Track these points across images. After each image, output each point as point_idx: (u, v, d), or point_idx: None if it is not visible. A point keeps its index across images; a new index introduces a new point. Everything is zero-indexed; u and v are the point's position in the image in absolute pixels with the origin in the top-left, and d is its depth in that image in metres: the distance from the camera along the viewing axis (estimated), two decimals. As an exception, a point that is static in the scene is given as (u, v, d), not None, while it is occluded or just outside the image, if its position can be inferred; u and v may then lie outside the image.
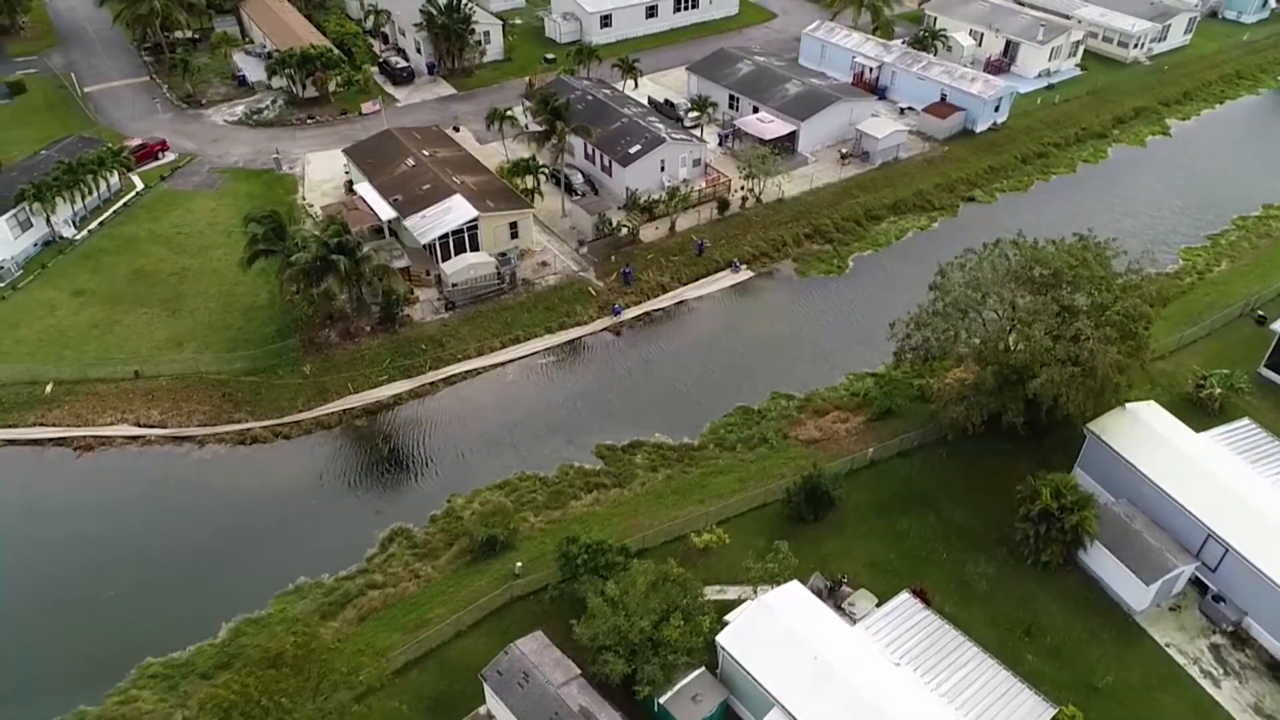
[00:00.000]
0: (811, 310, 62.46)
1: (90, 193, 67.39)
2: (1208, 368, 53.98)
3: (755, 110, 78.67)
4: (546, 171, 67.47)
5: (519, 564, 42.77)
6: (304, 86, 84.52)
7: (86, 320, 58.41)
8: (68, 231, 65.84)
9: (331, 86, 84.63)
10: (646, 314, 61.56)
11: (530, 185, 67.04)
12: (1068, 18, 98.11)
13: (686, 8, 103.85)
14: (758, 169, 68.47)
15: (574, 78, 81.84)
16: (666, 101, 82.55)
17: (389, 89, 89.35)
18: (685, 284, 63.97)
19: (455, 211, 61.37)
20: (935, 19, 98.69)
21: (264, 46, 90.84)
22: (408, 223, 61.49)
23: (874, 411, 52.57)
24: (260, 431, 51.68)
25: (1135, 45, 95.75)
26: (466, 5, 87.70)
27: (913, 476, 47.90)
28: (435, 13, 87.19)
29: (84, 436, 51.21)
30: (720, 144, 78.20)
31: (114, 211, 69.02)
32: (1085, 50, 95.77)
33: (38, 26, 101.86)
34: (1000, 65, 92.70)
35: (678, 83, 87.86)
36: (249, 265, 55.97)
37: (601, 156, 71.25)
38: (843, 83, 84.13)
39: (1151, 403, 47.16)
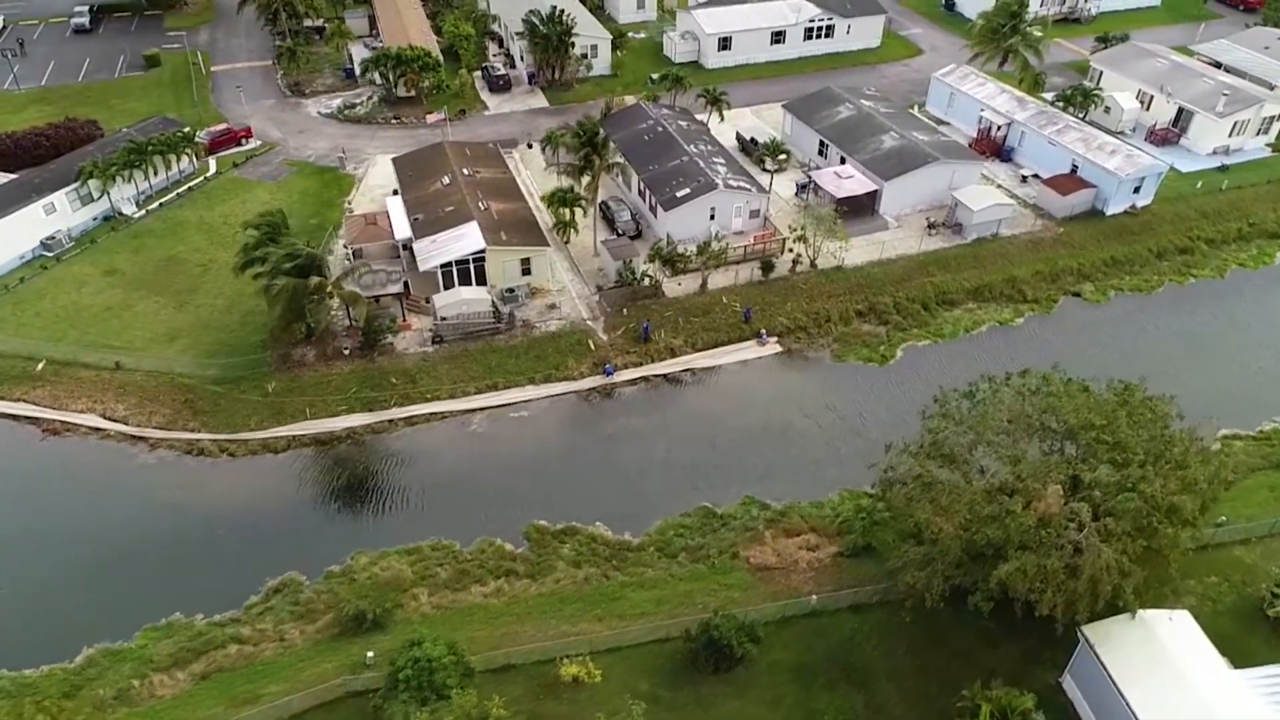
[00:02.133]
0: (831, 402, 54.26)
1: (155, 173, 69.51)
2: (1302, 570, 41.94)
3: (842, 161, 70.42)
4: (584, 205, 62.72)
5: (371, 653, 38.75)
6: (397, 86, 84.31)
7: (104, 302, 59.81)
8: (128, 209, 68.20)
9: (416, 89, 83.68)
10: (644, 378, 55.78)
11: (566, 218, 62.72)
12: (1271, 87, 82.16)
13: (819, 36, 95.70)
14: (813, 230, 60.81)
15: (654, 105, 76.55)
16: (752, 140, 75.70)
17: (485, 95, 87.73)
18: (699, 350, 57.57)
19: (465, 240, 58.15)
20: (1100, 74, 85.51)
21: (381, 42, 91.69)
22: (416, 246, 58.86)
23: (850, 544, 44.46)
24: (208, 445, 50.60)
25: (1353, 127, 78.67)
26: (568, 16, 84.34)
27: (857, 640, 39.71)
28: (537, 22, 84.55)
29: (53, 420, 52.04)
30: (797, 194, 70.62)
31: (177, 194, 70.98)
32: (1283, 127, 79.89)
33: (200, 3, 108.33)
34: (1167, 136, 78.79)
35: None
36: (241, 271, 55.06)
37: (650, 195, 65.83)
38: (952, 139, 73.56)
39: (1183, 613, 36.55)
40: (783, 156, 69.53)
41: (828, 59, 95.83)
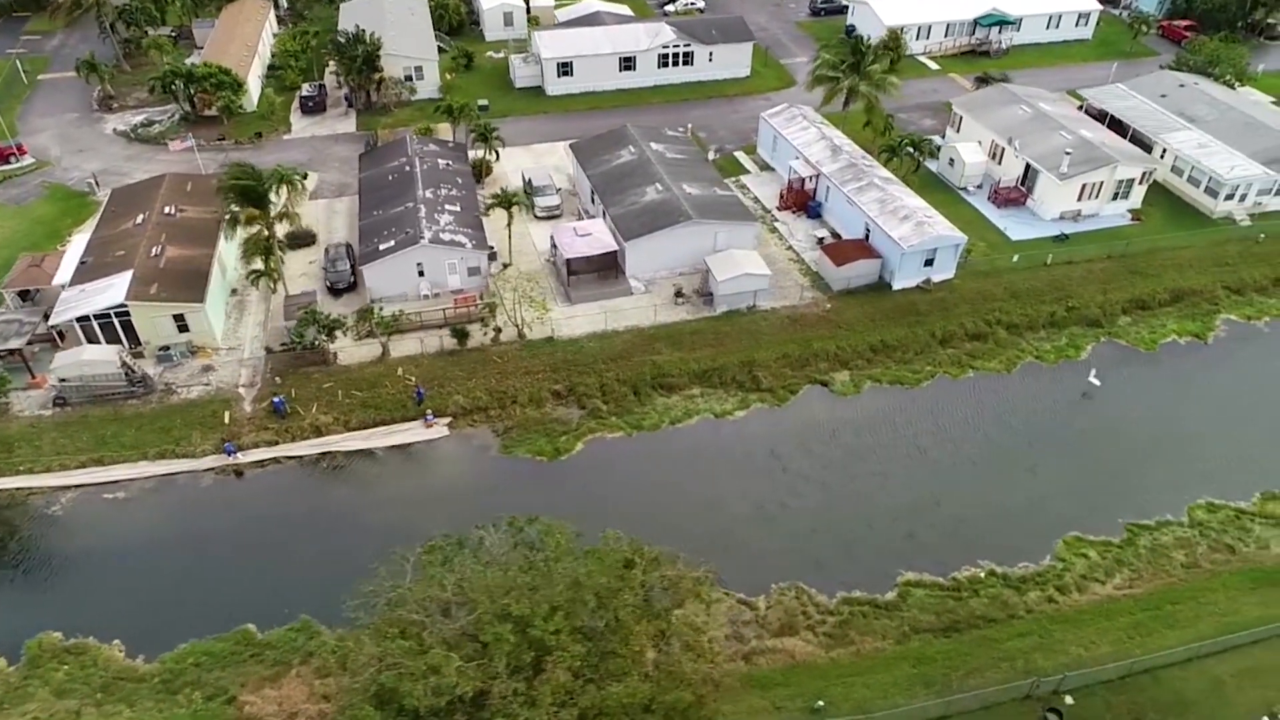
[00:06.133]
0: (462, 508, 46.37)
1: (-123, 195, 65.98)
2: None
3: (604, 213, 62.91)
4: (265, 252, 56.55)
5: None
6: (195, 105, 79.62)
7: None
8: None
9: (215, 109, 78.67)
10: (274, 460, 49.42)
11: (261, 267, 56.68)
12: (1148, 147, 71.67)
13: (677, 64, 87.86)
14: (512, 297, 53.84)
15: (421, 139, 69.88)
16: (529, 182, 68.57)
17: (297, 117, 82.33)
18: (353, 430, 50.99)
19: (110, 292, 52.64)
20: (960, 119, 75.97)
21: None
22: (64, 294, 53.62)
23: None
24: None
25: (1230, 196, 67.72)
26: (374, 36, 78.33)
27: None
28: (343, 41, 78.87)
29: None
30: (551, 249, 63.34)
31: (-95, 216, 67.36)
32: (1157, 190, 69.49)
33: (69, 5, 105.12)
34: (1011, 196, 69.11)
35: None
36: None
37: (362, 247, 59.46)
38: (734, 196, 65.11)
39: None
40: (530, 205, 61.93)
41: (688, 89, 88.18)
